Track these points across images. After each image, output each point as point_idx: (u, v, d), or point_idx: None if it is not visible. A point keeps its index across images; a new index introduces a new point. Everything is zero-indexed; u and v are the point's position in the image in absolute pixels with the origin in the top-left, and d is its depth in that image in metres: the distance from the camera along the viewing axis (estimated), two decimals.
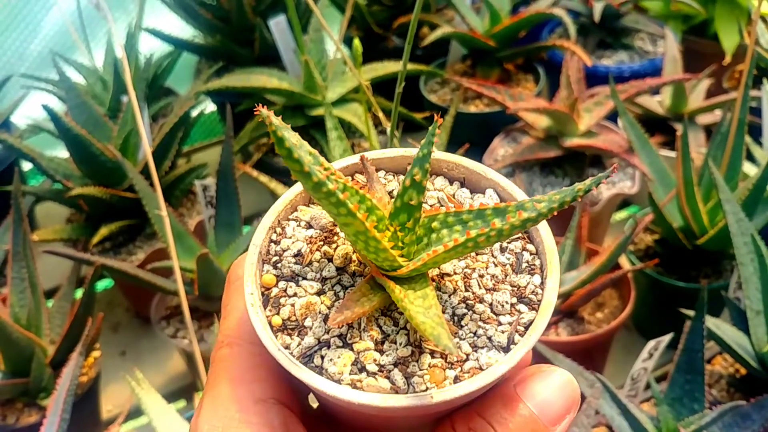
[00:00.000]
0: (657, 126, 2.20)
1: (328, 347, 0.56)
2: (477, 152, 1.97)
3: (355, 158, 0.66)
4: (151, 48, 2.38)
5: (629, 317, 1.64)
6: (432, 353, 0.56)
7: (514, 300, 0.58)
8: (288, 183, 1.83)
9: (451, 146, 1.86)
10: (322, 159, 0.56)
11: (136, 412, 1.77)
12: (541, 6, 2.23)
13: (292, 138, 0.52)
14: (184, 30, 2.48)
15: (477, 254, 0.61)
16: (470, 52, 2.31)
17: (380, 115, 1.45)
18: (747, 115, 1.60)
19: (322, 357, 0.56)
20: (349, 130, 2.11)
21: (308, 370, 0.54)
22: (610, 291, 1.73)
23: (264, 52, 2.35)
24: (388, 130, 1.38)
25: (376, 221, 0.58)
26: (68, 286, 1.71)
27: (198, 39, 2.46)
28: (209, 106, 2.64)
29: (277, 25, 2.07)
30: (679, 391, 1.38)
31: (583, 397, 1.35)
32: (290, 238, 0.62)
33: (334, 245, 0.61)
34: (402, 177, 0.66)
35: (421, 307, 0.54)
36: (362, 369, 0.55)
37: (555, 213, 0.53)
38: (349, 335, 0.57)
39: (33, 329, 1.61)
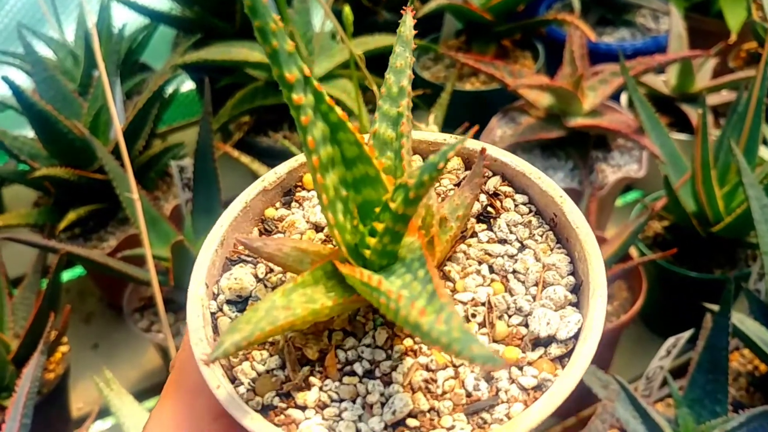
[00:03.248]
0: (662, 106, 2.09)
1: None
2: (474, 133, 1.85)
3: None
4: (126, 20, 2.23)
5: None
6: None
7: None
8: (272, 165, 1.70)
9: (447, 126, 1.74)
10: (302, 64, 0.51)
11: (108, 411, 1.64)
12: None
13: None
14: (160, 1, 2.34)
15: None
16: (465, 26, 2.18)
17: (375, 89, 1.33)
18: (765, 96, 1.49)
19: None
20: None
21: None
22: (619, 282, 1.62)
23: (245, 25, 2.21)
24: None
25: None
26: (33, 275, 1.58)
27: (175, 11, 2.31)
28: (187, 84, 2.51)
29: None
30: (700, 392, 1.26)
31: (595, 399, 1.24)
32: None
33: None
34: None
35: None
36: None
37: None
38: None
39: None
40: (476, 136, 1.87)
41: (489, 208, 0.63)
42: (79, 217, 1.72)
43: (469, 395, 0.52)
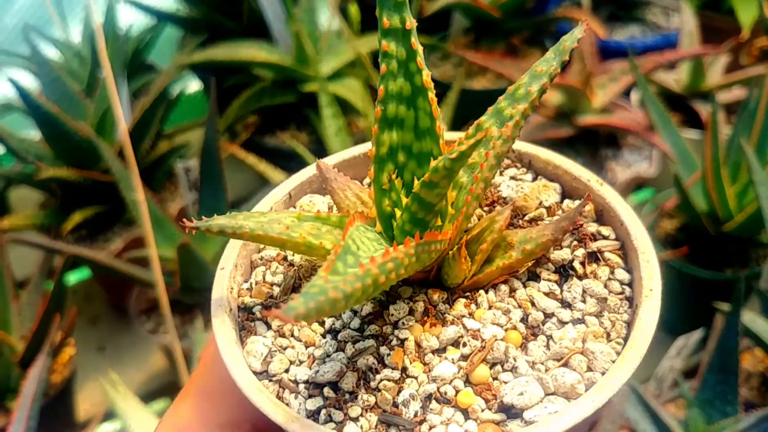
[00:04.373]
0: (673, 104, 2.07)
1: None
2: None
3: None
4: (133, 21, 2.23)
5: None
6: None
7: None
8: (279, 165, 1.70)
9: (456, 125, 1.73)
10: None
11: (114, 413, 1.64)
12: None
13: None
14: (167, 2, 2.33)
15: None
16: (474, 24, 2.16)
17: None
18: None
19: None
20: (344, 107, 1.97)
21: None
22: None
23: (252, 24, 2.20)
24: None
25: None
26: (39, 277, 1.57)
27: (182, 11, 2.31)
28: (193, 85, 2.50)
29: None
30: (711, 393, 1.25)
31: None
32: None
33: None
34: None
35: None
36: None
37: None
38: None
39: (1, 325, 1.47)
40: None
41: (576, 264, 0.57)
42: (85, 218, 1.72)
43: (395, 404, 0.50)
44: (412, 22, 0.50)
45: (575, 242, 0.58)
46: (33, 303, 1.55)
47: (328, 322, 0.55)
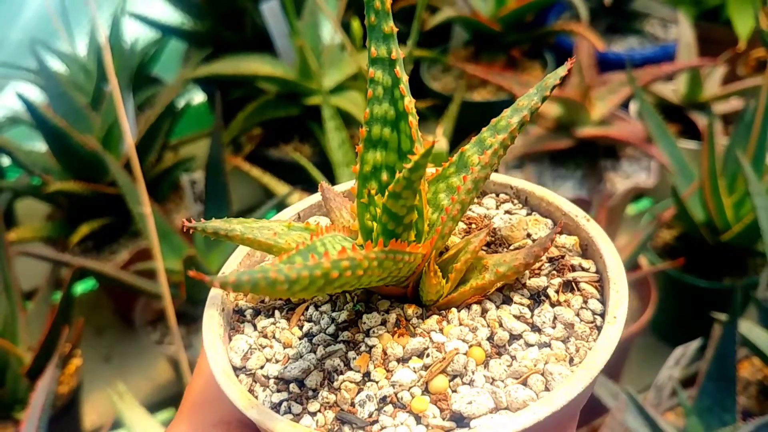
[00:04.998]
0: (671, 115, 2.09)
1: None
2: None
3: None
4: (137, 34, 2.26)
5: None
6: None
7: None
8: (283, 177, 1.72)
9: (456, 137, 1.75)
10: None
11: (121, 423, 1.65)
12: None
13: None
14: (172, 15, 2.36)
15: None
16: (474, 37, 2.19)
17: None
18: None
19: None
20: (347, 120, 1.99)
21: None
22: (629, 292, 1.61)
23: (256, 38, 2.23)
24: None
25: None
26: (47, 288, 1.59)
27: (186, 25, 2.34)
28: (198, 97, 2.52)
29: (270, 9, 1.95)
30: (709, 401, 1.27)
31: (605, 409, 1.24)
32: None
33: None
34: None
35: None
36: None
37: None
38: None
39: (8, 337, 1.49)
40: None
41: (551, 292, 0.59)
42: (92, 230, 1.74)
43: (352, 404, 0.53)
44: (398, 53, 0.55)
45: (554, 272, 0.60)
46: (40, 314, 1.57)
47: (307, 326, 0.59)
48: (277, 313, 0.61)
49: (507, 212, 0.67)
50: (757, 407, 1.40)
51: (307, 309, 0.61)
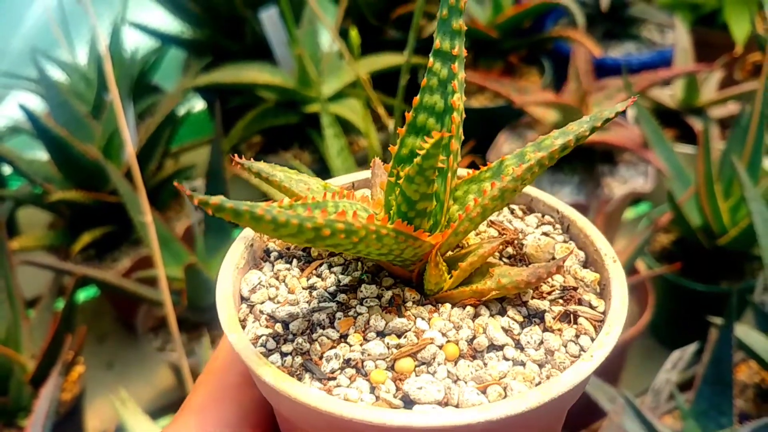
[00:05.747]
0: (668, 119, 2.10)
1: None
2: (481, 148, 1.87)
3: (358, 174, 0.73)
4: (137, 43, 2.27)
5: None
6: None
7: None
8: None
9: None
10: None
11: (123, 430, 1.67)
12: None
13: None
14: (171, 24, 2.38)
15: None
16: (472, 43, 2.20)
17: (381, 111, 1.36)
18: None
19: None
20: (345, 127, 2.01)
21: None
22: (629, 296, 1.63)
23: (255, 46, 2.24)
24: (390, 126, 1.28)
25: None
26: (49, 296, 1.61)
27: (186, 33, 2.36)
28: (199, 104, 2.54)
29: (269, 18, 1.96)
30: (706, 404, 1.28)
31: (603, 413, 1.25)
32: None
33: None
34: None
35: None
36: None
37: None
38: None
39: (11, 344, 1.50)
40: (483, 152, 1.89)
41: (548, 317, 0.59)
42: (94, 238, 1.75)
43: (320, 357, 0.56)
44: (461, 51, 0.57)
45: (560, 299, 0.60)
46: (44, 322, 1.59)
47: (314, 279, 0.63)
48: (295, 261, 0.65)
49: (544, 234, 0.68)
50: (755, 410, 1.41)
51: (321, 265, 0.64)
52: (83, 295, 2.04)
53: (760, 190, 1.51)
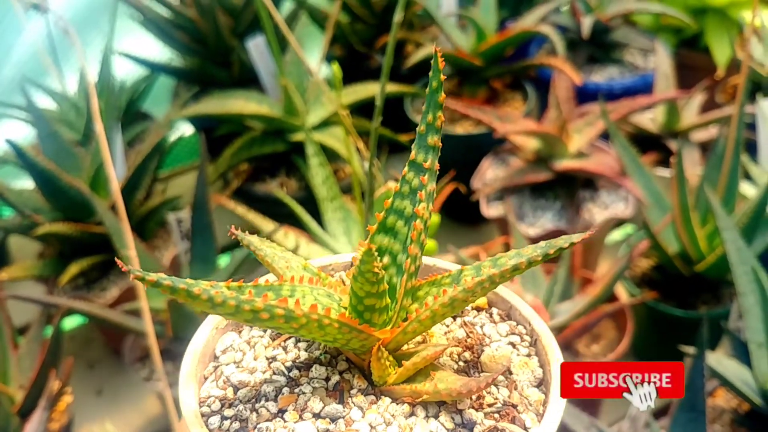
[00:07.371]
0: (650, 143, 2.13)
1: None
2: (465, 174, 1.89)
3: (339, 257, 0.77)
4: (127, 71, 2.30)
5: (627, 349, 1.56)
6: None
7: None
8: (270, 211, 1.75)
9: (440, 169, 1.78)
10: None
11: None
12: (528, 23, 2.15)
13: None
14: (160, 52, 2.41)
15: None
16: (456, 71, 2.23)
17: (360, 145, 1.38)
18: (743, 133, 1.53)
19: None
20: (332, 154, 2.03)
21: None
22: (607, 321, 1.65)
23: (243, 74, 2.28)
24: (365, 164, 1.31)
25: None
26: (38, 327, 1.62)
27: (175, 62, 2.39)
28: (188, 129, 2.56)
29: (256, 47, 1.99)
30: (681, 431, 1.30)
31: None
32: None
33: None
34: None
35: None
36: None
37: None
38: None
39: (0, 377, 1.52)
40: (468, 177, 1.92)
41: (477, 429, 0.61)
42: (82, 269, 1.77)
43: (255, 427, 0.60)
44: (432, 165, 0.64)
45: (496, 414, 0.62)
46: (32, 352, 1.60)
47: (277, 351, 0.67)
48: (270, 331, 0.69)
49: (511, 344, 0.70)
50: None
51: (290, 338, 0.68)
52: (74, 321, 2.05)
53: (735, 216, 1.54)
